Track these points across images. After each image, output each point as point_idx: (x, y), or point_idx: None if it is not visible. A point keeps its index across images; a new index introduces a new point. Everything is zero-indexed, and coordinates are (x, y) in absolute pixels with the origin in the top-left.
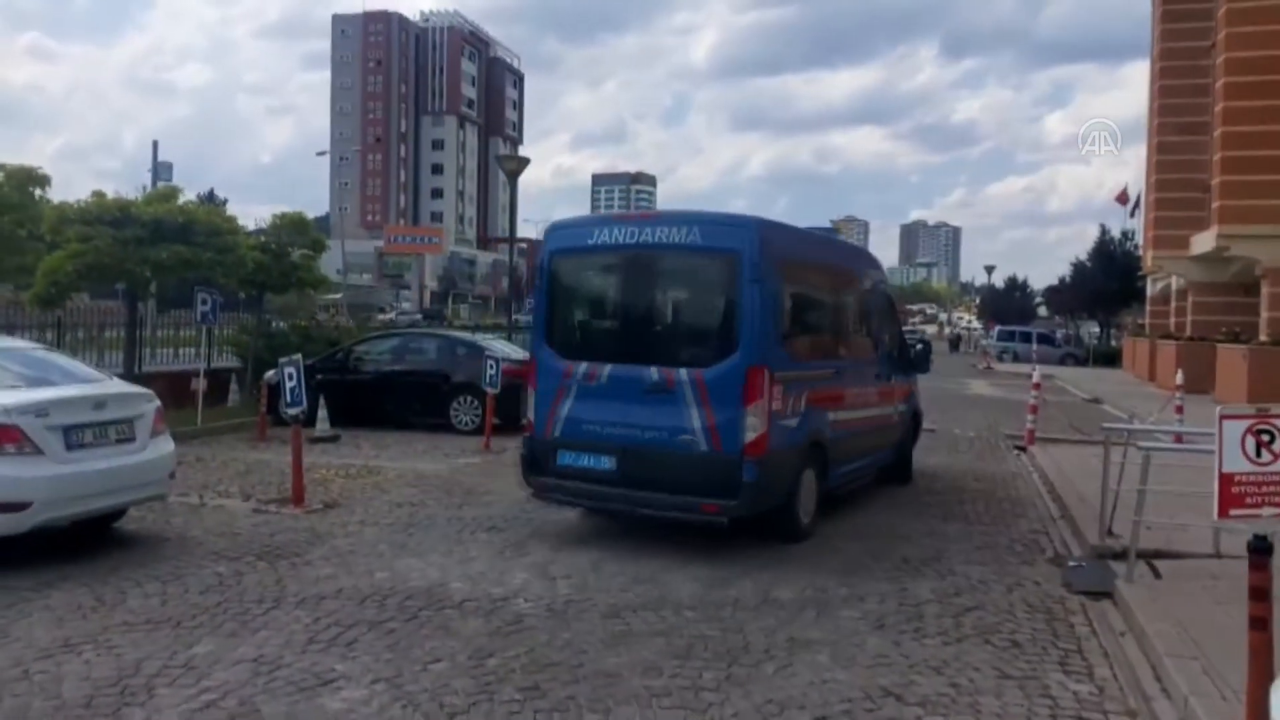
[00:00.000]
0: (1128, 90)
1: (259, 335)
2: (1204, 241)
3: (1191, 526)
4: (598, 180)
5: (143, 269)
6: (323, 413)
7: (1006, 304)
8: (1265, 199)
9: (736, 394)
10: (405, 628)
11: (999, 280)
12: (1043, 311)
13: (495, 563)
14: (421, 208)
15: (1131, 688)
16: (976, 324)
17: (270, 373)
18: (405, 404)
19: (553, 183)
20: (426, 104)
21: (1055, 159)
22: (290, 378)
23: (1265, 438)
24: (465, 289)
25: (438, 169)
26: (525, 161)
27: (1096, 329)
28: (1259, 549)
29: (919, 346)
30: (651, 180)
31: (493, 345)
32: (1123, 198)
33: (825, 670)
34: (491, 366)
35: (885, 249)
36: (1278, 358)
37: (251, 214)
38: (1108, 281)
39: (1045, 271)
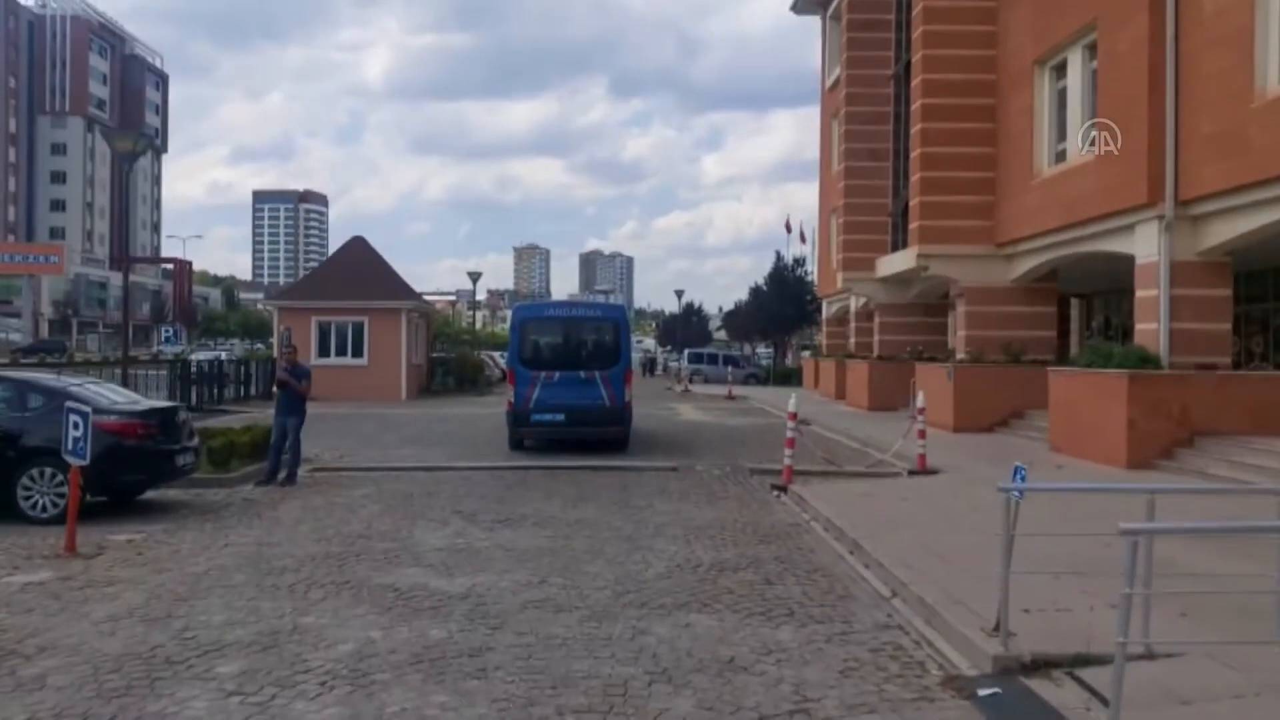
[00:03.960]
0: (773, 136)
1: None
2: (898, 262)
3: (1075, 609)
4: (261, 197)
5: None
6: None
7: (685, 329)
8: (960, 219)
9: (621, 380)
10: None
11: (679, 307)
12: (720, 335)
13: None
14: (38, 222)
15: None
16: (658, 348)
17: None
18: None
19: (209, 199)
20: (44, 102)
21: (712, 197)
22: None
23: None
24: (94, 316)
25: (59, 177)
26: (144, 141)
27: (768, 350)
28: None
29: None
30: (322, 200)
31: (88, 391)
32: (789, 227)
33: None
34: (76, 425)
35: (566, 276)
36: (979, 375)
37: None
38: (784, 305)
39: (707, 299)
